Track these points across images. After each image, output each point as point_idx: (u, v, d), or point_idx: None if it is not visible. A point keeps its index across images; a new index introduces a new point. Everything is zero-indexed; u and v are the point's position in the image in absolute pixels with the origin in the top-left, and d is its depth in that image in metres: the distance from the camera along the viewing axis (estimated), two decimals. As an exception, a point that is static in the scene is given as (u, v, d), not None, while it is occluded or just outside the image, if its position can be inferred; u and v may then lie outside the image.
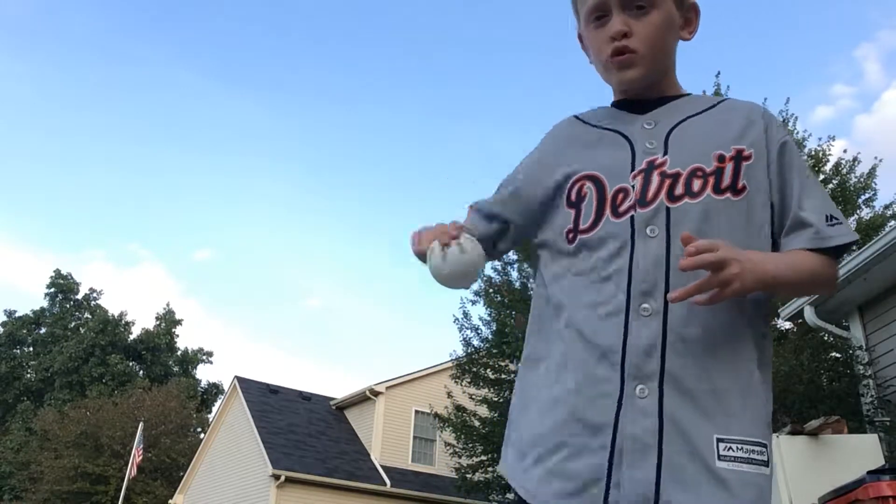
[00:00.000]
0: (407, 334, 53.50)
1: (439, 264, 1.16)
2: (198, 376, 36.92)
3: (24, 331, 36.43)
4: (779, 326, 8.50)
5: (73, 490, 22.45)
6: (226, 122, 50.56)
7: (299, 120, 49.10)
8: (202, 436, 23.63)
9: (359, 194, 49.33)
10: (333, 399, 20.54)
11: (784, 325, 8.49)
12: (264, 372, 61.16)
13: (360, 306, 54.91)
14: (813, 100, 36.47)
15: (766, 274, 1.05)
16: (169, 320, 36.86)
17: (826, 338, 7.74)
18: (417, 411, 18.79)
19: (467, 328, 14.56)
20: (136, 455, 17.30)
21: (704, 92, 11.71)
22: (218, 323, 55.43)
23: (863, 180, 12.14)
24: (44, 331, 36.41)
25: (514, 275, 14.36)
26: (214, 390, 36.04)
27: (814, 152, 11.97)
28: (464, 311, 14.59)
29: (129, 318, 36.21)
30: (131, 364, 34.89)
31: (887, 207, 12.27)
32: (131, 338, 35.74)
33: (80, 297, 37.62)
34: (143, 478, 21.67)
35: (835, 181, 11.88)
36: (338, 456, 17.69)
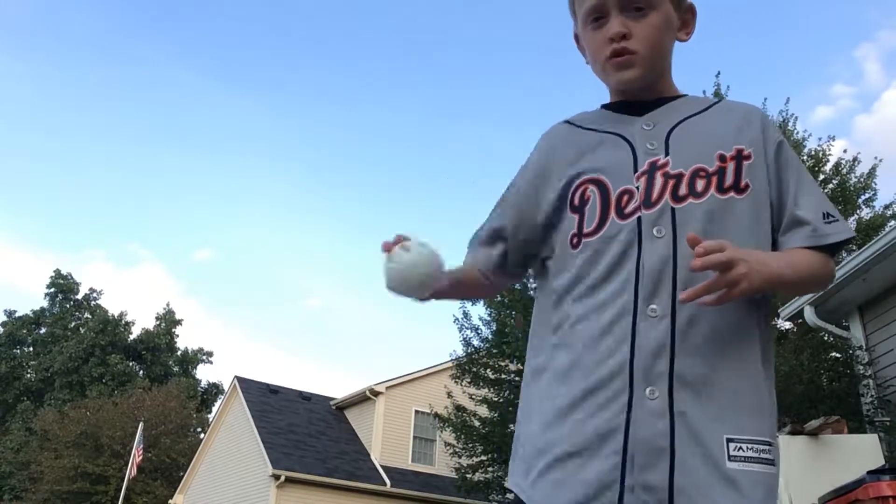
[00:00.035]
0: (407, 334, 53.66)
1: (384, 269, 1.16)
2: (198, 376, 36.94)
3: (24, 331, 36.42)
4: (779, 326, 8.49)
5: (73, 490, 22.43)
6: (226, 122, 50.61)
7: (299, 120, 49.15)
8: (202, 436, 23.62)
9: (359, 194, 49.35)
10: (333, 399, 20.53)
11: (784, 325, 8.48)
12: (264, 372, 61.15)
13: (360, 306, 55.04)
14: (813, 100, 36.51)
15: (771, 273, 1.05)
16: (169, 320, 36.84)
17: (826, 338, 7.75)
18: (417, 411, 18.77)
19: (467, 328, 14.57)
20: (136, 455, 17.28)
21: (704, 92, 11.73)
22: (218, 323, 55.50)
23: (863, 180, 12.16)
24: (44, 331, 36.40)
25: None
26: (214, 390, 36.02)
27: (814, 152, 11.97)
28: (464, 311, 14.61)
29: (129, 318, 36.25)
30: (131, 364, 34.87)
31: (887, 207, 12.29)
32: (131, 338, 35.72)
33: (80, 297, 37.62)
34: (143, 478, 21.65)
35: (835, 181, 11.88)
36: (338, 456, 17.68)
